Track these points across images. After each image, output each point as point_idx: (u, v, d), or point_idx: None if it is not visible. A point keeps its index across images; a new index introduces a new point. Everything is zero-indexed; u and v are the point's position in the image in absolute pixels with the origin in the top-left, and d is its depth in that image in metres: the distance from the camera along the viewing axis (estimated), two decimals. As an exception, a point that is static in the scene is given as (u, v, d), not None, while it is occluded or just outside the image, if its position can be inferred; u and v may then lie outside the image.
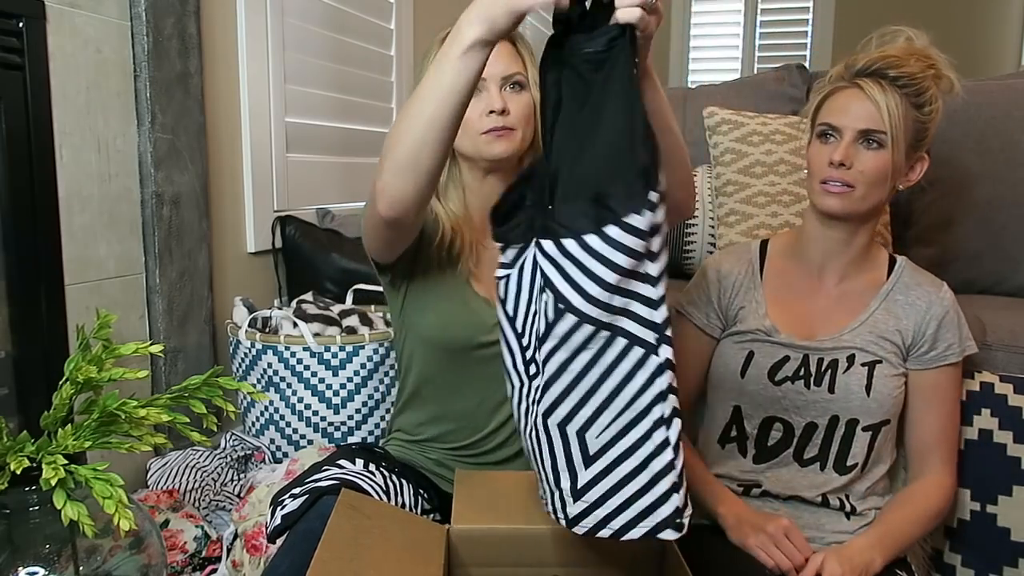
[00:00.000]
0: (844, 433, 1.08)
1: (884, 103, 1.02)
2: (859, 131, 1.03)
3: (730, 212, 1.72)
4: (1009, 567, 1.15)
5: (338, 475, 0.99)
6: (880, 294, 1.11)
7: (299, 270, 1.91)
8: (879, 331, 1.09)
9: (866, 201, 1.06)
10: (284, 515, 0.95)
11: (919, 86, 1.03)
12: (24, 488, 0.92)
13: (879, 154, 1.04)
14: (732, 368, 1.13)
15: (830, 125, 1.06)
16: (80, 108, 1.35)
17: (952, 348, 1.09)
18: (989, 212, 1.68)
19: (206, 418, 1.03)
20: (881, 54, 1.04)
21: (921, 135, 1.06)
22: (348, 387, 1.56)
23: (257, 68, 1.84)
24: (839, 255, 1.12)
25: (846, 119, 1.04)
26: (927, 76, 1.04)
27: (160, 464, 1.50)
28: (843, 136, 1.04)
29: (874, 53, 1.06)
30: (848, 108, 1.04)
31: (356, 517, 0.89)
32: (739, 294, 1.16)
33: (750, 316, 1.14)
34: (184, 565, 1.27)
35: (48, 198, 1.30)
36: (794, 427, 1.10)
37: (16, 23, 1.21)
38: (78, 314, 1.34)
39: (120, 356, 1.00)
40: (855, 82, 1.05)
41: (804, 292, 1.14)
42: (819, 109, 1.09)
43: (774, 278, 1.16)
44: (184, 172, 1.58)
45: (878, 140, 1.03)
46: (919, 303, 1.10)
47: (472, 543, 0.93)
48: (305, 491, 0.96)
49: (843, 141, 1.04)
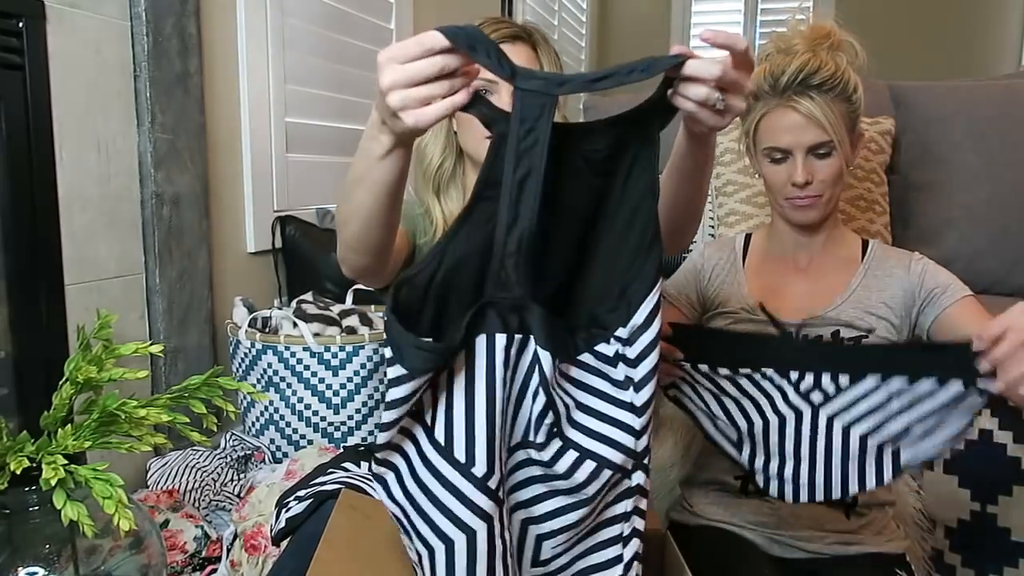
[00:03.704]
0: None
1: (821, 115, 1.04)
2: (807, 148, 1.06)
3: (730, 212, 1.72)
4: (1009, 567, 1.15)
5: (343, 479, 0.98)
6: (859, 271, 1.12)
7: (299, 270, 1.91)
8: (864, 306, 1.09)
9: (832, 201, 1.10)
10: (288, 518, 0.94)
11: (842, 81, 1.05)
12: (24, 488, 0.92)
13: (831, 160, 1.07)
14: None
15: (778, 148, 1.08)
16: (80, 108, 1.35)
17: (953, 287, 1.07)
18: (989, 212, 1.68)
19: (206, 418, 1.03)
20: (799, 64, 1.04)
21: (855, 119, 1.09)
22: (348, 387, 1.56)
23: (257, 68, 1.84)
24: (810, 242, 1.15)
25: (790, 139, 1.06)
26: (844, 69, 1.05)
27: (160, 464, 1.50)
28: (795, 155, 1.07)
29: (788, 63, 1.05)
30: (788, 128, 1.06)
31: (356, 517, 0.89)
32: (720, 278, 1.18)
33: (732, 296, 1.15)
34: (184, 565, 1.27)
35: (48, 198, 1.30)
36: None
37: (16, 23, 1.21)
38: (78, 314, 1.34)
39: (120, 356, 1.00)
40: (786, 103, 1.05)
41: (784, 276, 1.15)
42: (756, 130, 1.11)
43: (756, 264, 1.18)
44: (184, 172, 1.58)
45: (827, 148, 1.06)
46: (897, 270, 1.11)
47: (472, 543, 0.92)
48: (309, 495, 0.95)
49: (797, 160, 1.06)
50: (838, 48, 1.08)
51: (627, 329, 0.67)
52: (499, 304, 0.66)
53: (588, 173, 0.70)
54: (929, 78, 1.92)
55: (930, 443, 0.87)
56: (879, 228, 1.67)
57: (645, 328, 0.67)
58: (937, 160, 1.75)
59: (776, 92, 1.06)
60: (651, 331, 0.67)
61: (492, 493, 0.65)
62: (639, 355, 0.67)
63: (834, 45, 1.07)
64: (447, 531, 0.66)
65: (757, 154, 1.12)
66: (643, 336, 0.67)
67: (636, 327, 0.67)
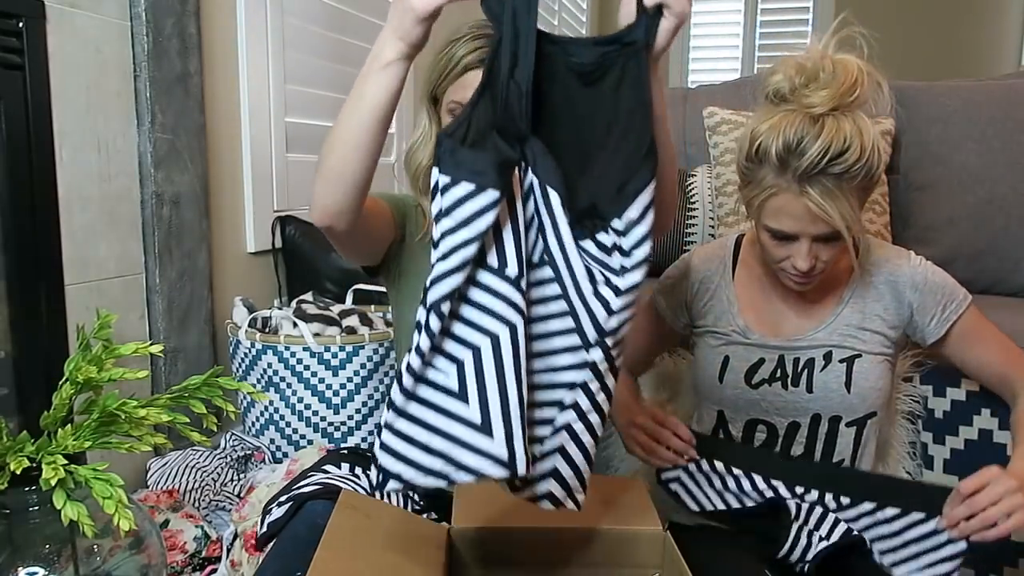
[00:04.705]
0: (828, 430, 1.08)
1: (836, 212, 0.93)
2: (815, 236, 0.97)
3: (730, 212, 1.72)
4: (1009, 567, 1.15)
5: (322, 480, 1.00)
6: (851, 281, 1.09)
7: (299, 270, 1.91)
8: (856, 322, 1.08)
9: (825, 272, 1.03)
10: (270, 523, 0.97)
11: (866, 168, 0.94)
12: (24, 488, 0.92)
13: (838, 244, 0.98)
14: (710, 374, 1.13)
15: (782, 232, 0.98)
16: (80, 108, 1.35)
17: (952, 303, 1.06)
18: (989, 212, 1.68)
19: (206, 418, 1.03)
20: (821, 148, 0.91)
21: (869, 194, 1.01)
22: (348, 387, 1.56)
23: (257, 68, 1.84)
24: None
25: (798, 228, 0.97)
26: (870, 153, 0.93)
27: (160, 464, 1.50)
28: (800, 240, 0.98)
29: (808, 141, 0.92)
30: (798, 217, 0.96)
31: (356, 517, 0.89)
32: (710, 293, 1.16)
33: (723, 317, 1.13)
34: (184, 565, 1.27)
35: (48, 198, 1.30)
36: (777, 428, 1.10)
37: (16, 23, 1.21)
38: (78, 314, 1.34)
39: (120, 356, 1.00)
40: (800, 192, 0.94)
41: (773, 291, 1.13)
42: (761, 206, 0.99)
43: (745, 277, 1.15)
44: (184, 172, 1.58)
45: (835, 235, 0.97)
46: (891, 278, 1.08)
47: (472, 543, 0.93)
48: (289, 498, 0.98)
49: (803, 249, 0.98)
50: (863, 102, 0.95)
51: (622, 221, 0.72)
52: (506, 132, 0.73)
53: (577, 83, 0.75)
54: (929, 78, 1.92)
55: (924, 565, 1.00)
56: (879, 228, 1.67)
57: (639, 221, 0.72)
58: (937, 160, 1.75)
59: (790, 174, 0.94)
60: (644, 224, 0.73)
61: (523, 292, 0.74)
62: (632, 246, 0.73)
63: (860, 99, 0.94)
64: (489, 327, 0.72)
65: (756, 223, 1.03)
66: (637, 229, 0.72)
67: (632, 220, 0.72)
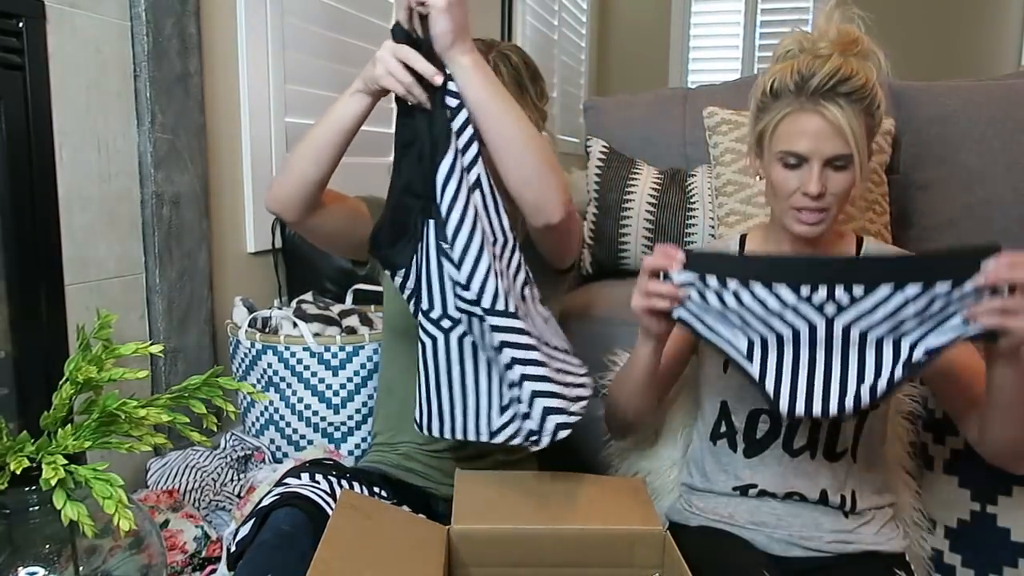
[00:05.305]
0: (831, 421, 1.08)
1: (847, 125, 0.99)
2: (826, 158, 1.01)
3: (730, 212, 1.72)
4: (1009, 567, 1.15)
5: (280, 492, 1.02)
6: None
7: (299, 270, 1.91)
8: None
9: (838, 215, 1.05)
10: (239, 541, 0.98)
11: (871, 95, 1.01)
12: (24, 488, 0.92)
13: (847, 173, 1.02)
14: (716, 363, 1.14)
15: (795, 154, 1.02)
16: (80, 108, 1.35)
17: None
18: (989, 212, 1.68)
19: (206, 418, 1.03)
20: (831, 69, 0.99)
21: (873, 136, 1.06)
22: (348, 387, 1.56)
23: (257, 68, 1.84)
24: (807, 247, 1.10)
25: (811, 146, 1.01)
26: (874, 82, 1.01)
27: (160, 464, 1.50)
28: (811, 163, 1.01)
29: (819, 65, 1.00)
30: (811, 134, 1.01)
31: (356, 517, 0.89)
32: None
33: None
34: (184, 565, 1.27)
35: (48, 198, 1.30)
36: (780, 419, 1.10)
37: (16, 23, 1.21)
38: (78, 314, 1.34)
39: (120, 356, 1.01)
40: (813, 106, 1.00)
41: None
42: (774, 131, 1.04)
43: None
44: (184, 172, 1.58)
45: (845, 161, 1.01)
46: None
47: (472, 543, 0.93)
48: (253, 514, 1.00)
49: (813, 171, 1.01)
50: (865, 57, 1.03)
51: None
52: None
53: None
54: (929, 78, 1.91)
55: (945, 330, 0.89)
56: (879, 228, 1.67)
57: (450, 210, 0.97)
58: (937, 160, 1.75)
59: (804, 93, 1.00)
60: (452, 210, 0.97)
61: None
62: (451, 235, 0.97)
63: (862, 53, 1.02)
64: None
65: (768, 156, 1.06)
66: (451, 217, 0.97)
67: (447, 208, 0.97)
